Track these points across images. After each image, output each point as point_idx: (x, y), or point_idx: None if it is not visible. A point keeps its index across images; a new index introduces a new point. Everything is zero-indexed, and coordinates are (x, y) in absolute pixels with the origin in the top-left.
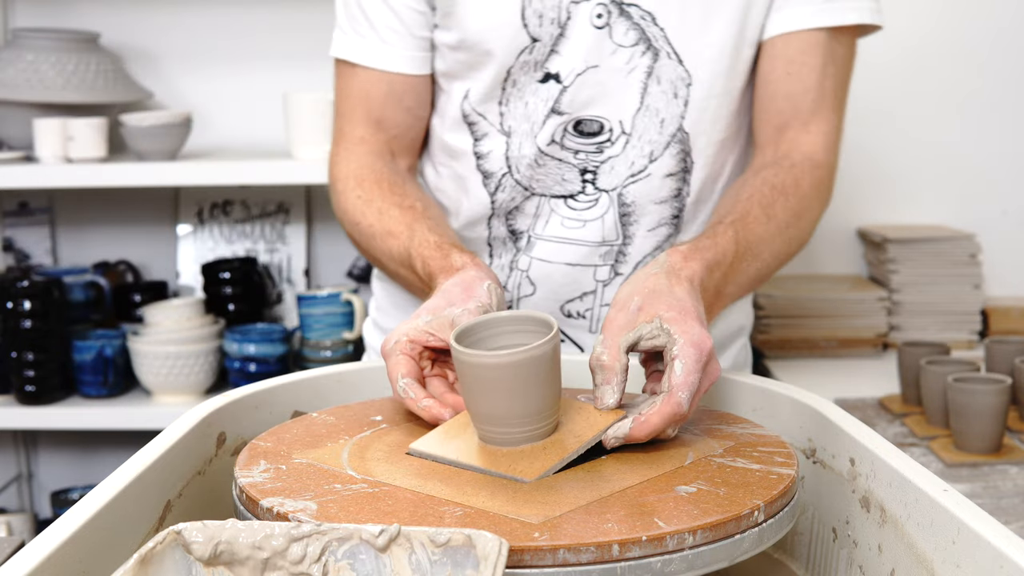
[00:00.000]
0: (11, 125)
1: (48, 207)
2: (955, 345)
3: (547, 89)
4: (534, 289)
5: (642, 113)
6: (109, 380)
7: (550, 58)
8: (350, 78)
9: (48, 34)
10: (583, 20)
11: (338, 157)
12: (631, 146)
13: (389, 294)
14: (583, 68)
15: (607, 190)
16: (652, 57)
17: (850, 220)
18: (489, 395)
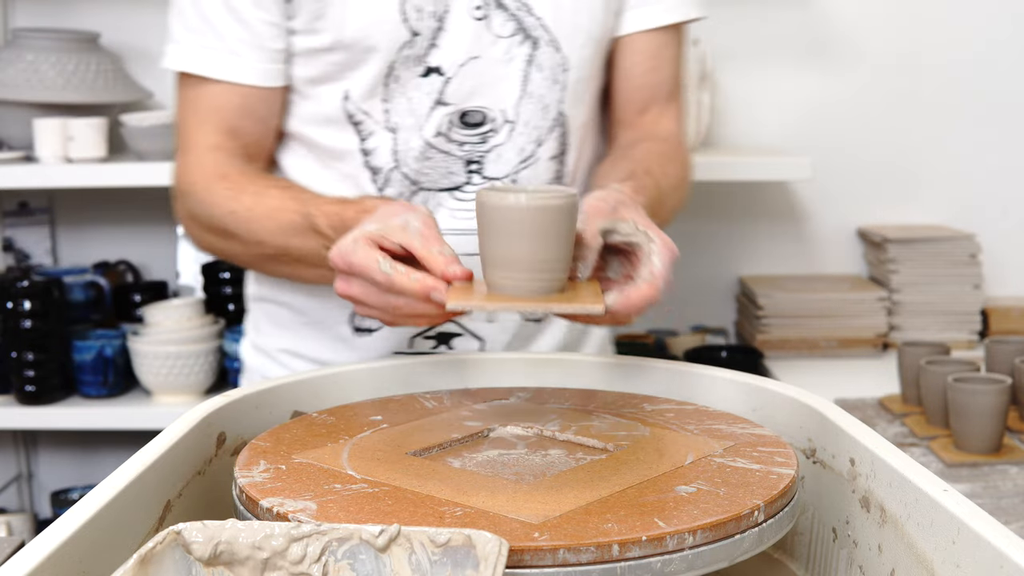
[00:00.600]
0: (11, 125)
1: (48, 207)
2: (955, 345)
3: (430, 82)
4: None
5: (525, 100)
6: (109, 380)
7: (430, 52)
8: (198, 90)
9: (48, 34)
10: (462, 12)
11: (189, 165)
12: (518, 133)
13: (267, 313)
14: (465, 59)
15: (498, 178)
16: (532, 46)
17: (850, 220)
18: (526, 239)
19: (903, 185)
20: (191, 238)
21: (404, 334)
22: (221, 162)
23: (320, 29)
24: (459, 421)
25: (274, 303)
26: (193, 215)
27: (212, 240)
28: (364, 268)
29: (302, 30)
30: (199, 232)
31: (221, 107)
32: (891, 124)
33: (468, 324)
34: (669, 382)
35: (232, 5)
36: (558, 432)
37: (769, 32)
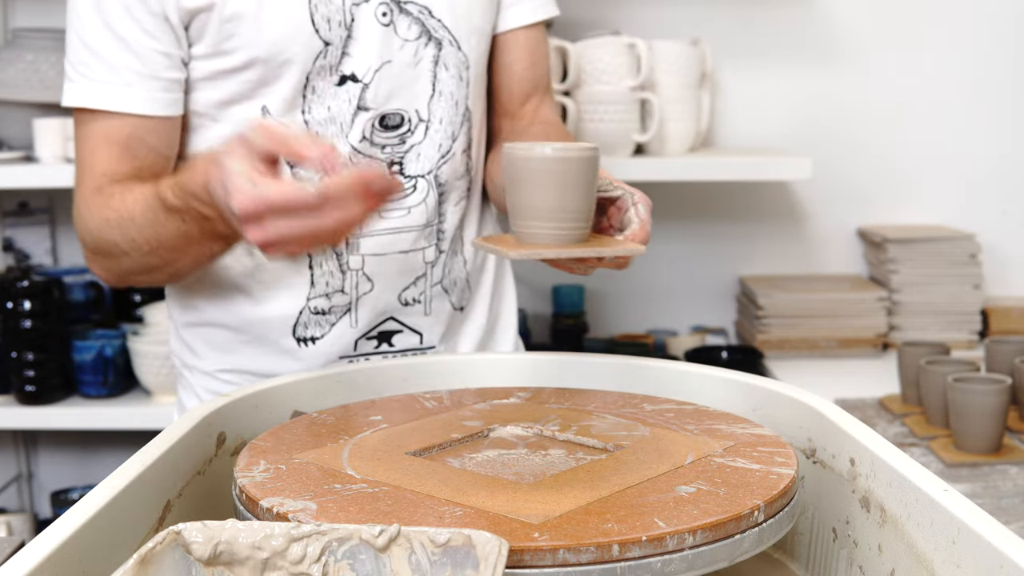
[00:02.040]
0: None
1: (48, 207)
2: (955, 345)
3: (347, 90)
4: (372, 285)
5: (436, 99)
6: (109, 380)
7: (343, 60)
8: (91, 125)
9: (48, 34)
10: (368, 19)
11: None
12: (433, 131)
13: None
14: (378, 65)
15: (421, 175)
16: (436, 46)
17: (850, 220)
18: (555, 189)
19: (903, 185)
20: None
21: (347, 339)
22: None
23: (230, 50)
24: (459, 421)
25: (210, 326)
26: (86, 246)
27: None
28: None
29: (207, 54)
30: (97, 263)
31: (112, 138)
32: (891, 124)
33: (406, 320)
34: (669, 382)
35: (121, 36)
36: (558, 432)
37: (769, 32)
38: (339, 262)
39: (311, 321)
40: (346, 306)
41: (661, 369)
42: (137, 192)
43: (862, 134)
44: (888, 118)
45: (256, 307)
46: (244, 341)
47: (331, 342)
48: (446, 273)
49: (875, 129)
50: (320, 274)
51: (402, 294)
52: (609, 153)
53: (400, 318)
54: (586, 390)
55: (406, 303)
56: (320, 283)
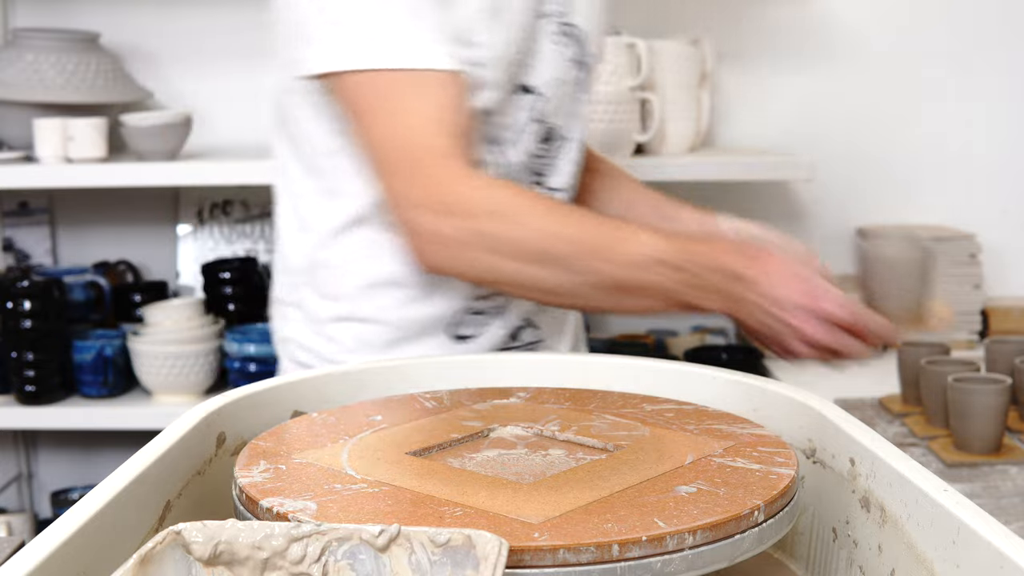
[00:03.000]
0: (11, 125)
1: (48, 207)
2: (955, 345)
3: (525, 100)
4: None
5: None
6: (109, 380)
7: (523, 71)
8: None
9: (48, 34)
10: (545, 35)
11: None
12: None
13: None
14: (551, 80)
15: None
16: (585, 71)
17: (850, 220)
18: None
19: (903, 185)
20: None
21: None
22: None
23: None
24: (459, 421)
25: (363, 322)
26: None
27: (516, 267)
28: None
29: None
30: (492, 259)
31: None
32: (891, 124)
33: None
34: (669, 382)
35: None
36: (558, 432)
37: (769, 32)
38: None
39: (468, 320)
40: (500, 308)
41: (661, 369)
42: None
43: (862, 134)
44: (888, 118)
45: (415, 305)
46: (399, 339)
47: (482, 342)
48: None
49: (875, 129)
50: None
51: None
52: (609, 153)
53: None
54: (586, 390)
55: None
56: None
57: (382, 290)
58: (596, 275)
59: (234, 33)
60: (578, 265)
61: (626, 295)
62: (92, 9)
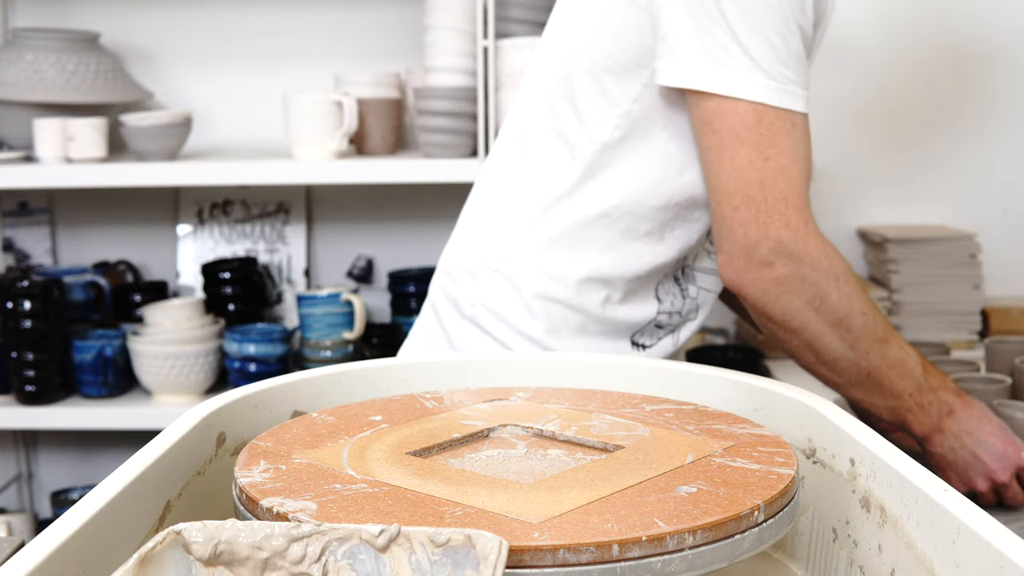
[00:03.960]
0: (11, 125)
1: (48, 207)
2: (955, 345)
3: None
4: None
5: None
6: (109, 380)
7: None
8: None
9: (48, 34)
10: None
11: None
12: None
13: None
14: None
15: None
16: None
17: (850, 220)
18: None
19: (903, 185)
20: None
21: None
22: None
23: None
24: (459, 421)
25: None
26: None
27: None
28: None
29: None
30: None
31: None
32: (891, 124)
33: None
34: (669, 382)
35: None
36: (558, 432)
37: None
38: (679, 287)
39: (650, 331)
40: (677, 325)
41: (661, 369)
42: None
43: (862, 134)
44: (888, 118)
45: (622, 309)
46: (591, 331)
47: (654, 351)
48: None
49: (875, 129)
50: (664, 293)
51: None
52: None
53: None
54: (586, 390)
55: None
56: (665, 301)
57: (593, 284)
58: (867, 361)
59: (234, 33)
60: (861, 345)
61: (876, 389)
62: (92, 9)
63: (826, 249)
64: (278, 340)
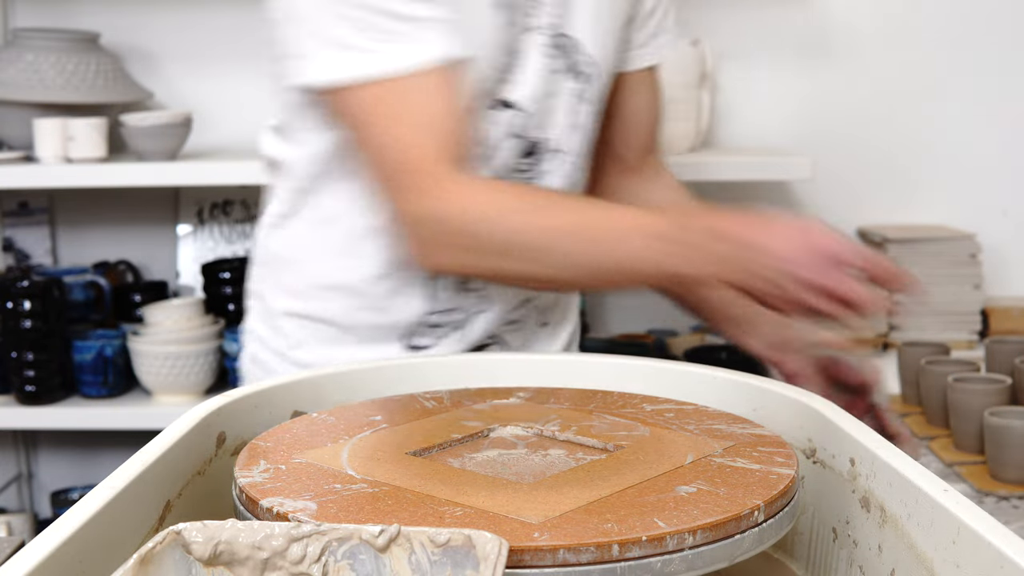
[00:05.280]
0: (11, 125)
1: (48, 207)
2: (955, 345)
3: (502, 116)
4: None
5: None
6: (109, 380)
7: (501, 86)
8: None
9: (48, 34)
10: (532, 49)
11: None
12: (569, 162)
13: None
14: (536, 94)
15: None
16: (583, 81)
17: (850, 220)
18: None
19: (903, 185)
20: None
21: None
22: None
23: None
24: (459, 421)
25: (317, 321)
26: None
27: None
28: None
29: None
30: (473, 257)
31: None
32: (891, 124)
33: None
34: (669, 382)
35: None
36: (558, 432)
37: (769, 32)
38: (461, 282)
39: (424, 332)
40: (459, 322)
41: (661, 369)
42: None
43: (862, 134)
44: (888, 118)
45: (373, 313)
46: (353, 341)
47: (433, 352)
48: (543, 294)
49: (875, 129)
50: (442, 287)
51: (509, 314)
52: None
53: (500, 334)
54: (586, 390)
55: (509, 322)
56: (442, 298)
57: (344, 294)
58: (584, 258)
59: (234, 33)
60: (560, 253)
61: (617, 274)
62: (92, 9)
63: (473, 195)
64: None
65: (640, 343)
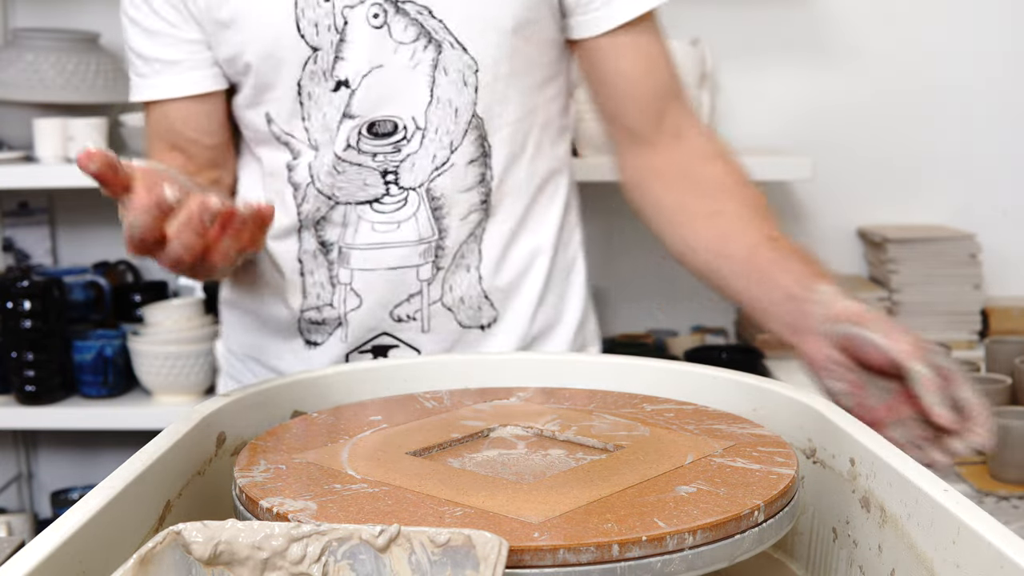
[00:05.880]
0: (11, 125)
1: (48, 207)
2: (955, 345)
3: (340, 96)
4: (360, 301)
5: (434, 106)
6: (109, 380)
7: (337, 64)
8: (147, 119)
9: (48, 34)
10: (360, 23)
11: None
12: (429, 140)
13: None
14: (368, 69)
15: (412, 187)
16: (436, 49)
17: (850, 220)
18: None
19: (903, 185)
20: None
21: (340, 351)
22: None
23: (231, 54)
24: (459, 421)
25: (241, 309)
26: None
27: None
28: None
29: (221, 57)
30: None
31: (157, 131)
32: (891, 124)
33: (402, 336)
34: (669, 382)
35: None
36: (558, 432)
37: (769, 32)
38: (329, 274)
39: (310, 328)
40: (337, 320)
41: (661, 369)
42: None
43: (862, 134)
44: (888, 118)
45: (265, 306)
46: (268, 332)
47: (327, 351)
48: (447, 291)
49: (875, 129)
50: (312, 284)
51: (394, 310)
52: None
53: (395, 333)
54: (586, 390)
55: (399, 319)
56: (312, 294)
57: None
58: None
59: None
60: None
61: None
62: (92, 9)
63: None
64: None
65: (640, 343)
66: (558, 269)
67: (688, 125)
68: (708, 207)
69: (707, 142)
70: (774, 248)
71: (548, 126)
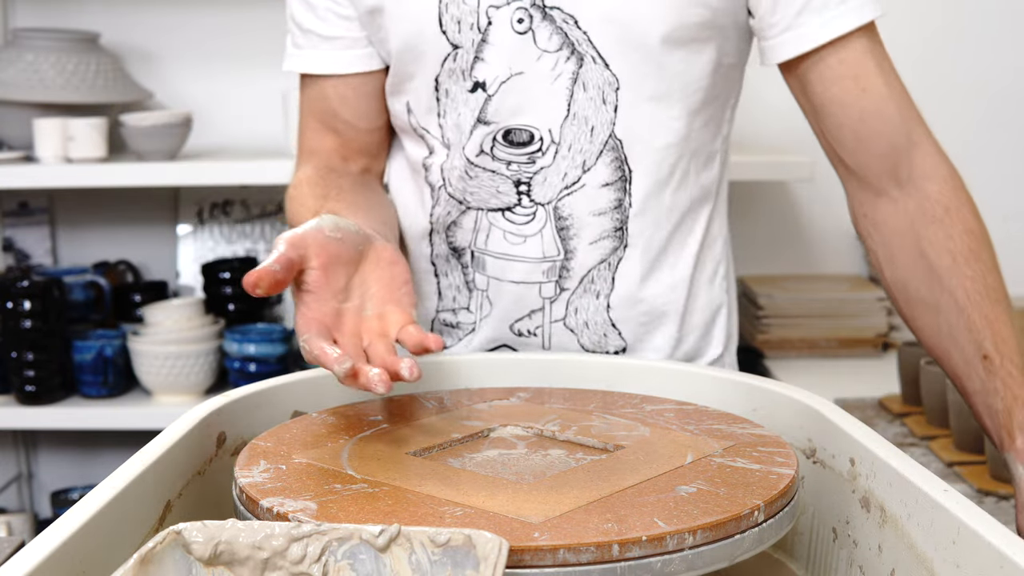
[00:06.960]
0: (11, 125)
1: (48, 207)
2: None
3: (475, 98)
4: (491, 309)
5: (570, 121)
6: (109, 380)
7: (476, 65)
8: (303, 91)
9: (48, 34)
10: (503, 25)
11: (295, 172)
12: (561, 156)
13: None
14: (507, 75)
15: (542, 203)
16: (577, 62)
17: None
18: None
19: None
20: None
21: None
22: (310, 170)
23: (377, 41)
24: (459, 421)
25: None
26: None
27: None
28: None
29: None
30: None
31: (312, 108)
32: None
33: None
34: (669, 382)
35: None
36: (558, 432)
37: None
38: (464, 279)
39: (443, 331)
40: (471, 325)
41: (661, 369)
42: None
43: None
44: None
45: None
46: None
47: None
48: (571, 312)
49: None
50: (447, 287)
51: (515, 324)
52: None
53: (515, 347)
54: (586, 390)
55: (520, 334)
56: (447, 296)
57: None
58: None
59: (234, 33)
60: None
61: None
62: (92, 9)
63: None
64: (278, 340)
65: None
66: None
67: (922, 169)
68: (928, 295)
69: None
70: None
71: (698, 153)
